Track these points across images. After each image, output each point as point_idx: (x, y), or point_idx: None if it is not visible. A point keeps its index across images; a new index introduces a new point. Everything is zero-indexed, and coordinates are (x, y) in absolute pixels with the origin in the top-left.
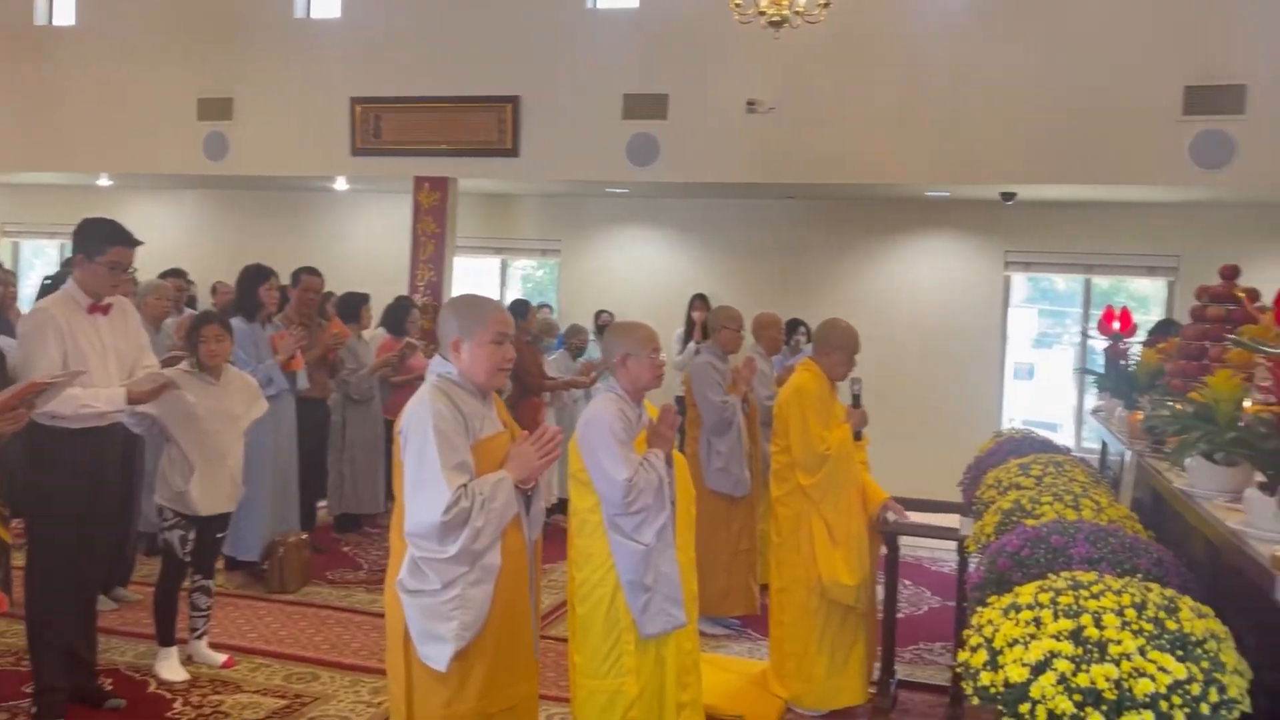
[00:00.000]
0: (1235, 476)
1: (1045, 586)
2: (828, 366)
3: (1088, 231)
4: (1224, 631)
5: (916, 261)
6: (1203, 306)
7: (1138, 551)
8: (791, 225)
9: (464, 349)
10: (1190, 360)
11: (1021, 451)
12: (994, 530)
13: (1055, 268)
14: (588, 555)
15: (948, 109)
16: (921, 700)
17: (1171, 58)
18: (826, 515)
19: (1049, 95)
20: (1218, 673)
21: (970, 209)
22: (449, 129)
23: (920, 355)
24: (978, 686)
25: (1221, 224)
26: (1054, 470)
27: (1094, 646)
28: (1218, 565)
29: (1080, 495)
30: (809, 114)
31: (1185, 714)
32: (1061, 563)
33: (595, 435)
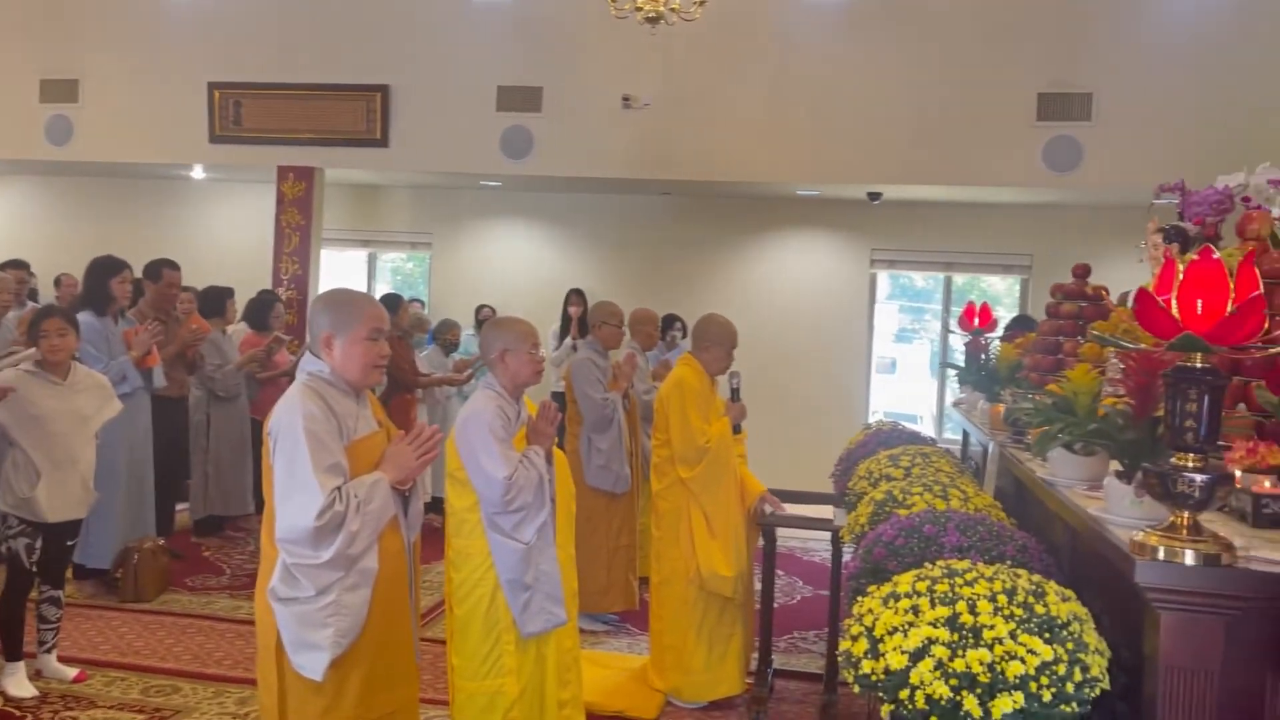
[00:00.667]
0: (1093, 465)
1: (923, 575)
2: (707, 362)
3: (948, 231)
4: (1085, 614)
5: (788, 258)
6: (1057, 304)
7: (1004, 539)
8: (667, 221)
9: (336, 346)
10: (1046, 354)
11: (890, 443)
12: (868, 521)
13: (918, 265)
14: (466, 555)
15: (817, 110)
16: (797, 688)
17: (1025, 66)
18: (706, 508)
19: (913, 99)
20: (1081, 653)
21: (839, 208)
22: (314, 117)
23: (792, 350)
24: (859, 675)
25: (1071, 225)
26: (922, 461)
27: (969, 632)
28: (1076, 549)
29: (948, 485)
30: (684, 111)
31: (1052, 694)
32: (934, 551)
33: (473, 433)
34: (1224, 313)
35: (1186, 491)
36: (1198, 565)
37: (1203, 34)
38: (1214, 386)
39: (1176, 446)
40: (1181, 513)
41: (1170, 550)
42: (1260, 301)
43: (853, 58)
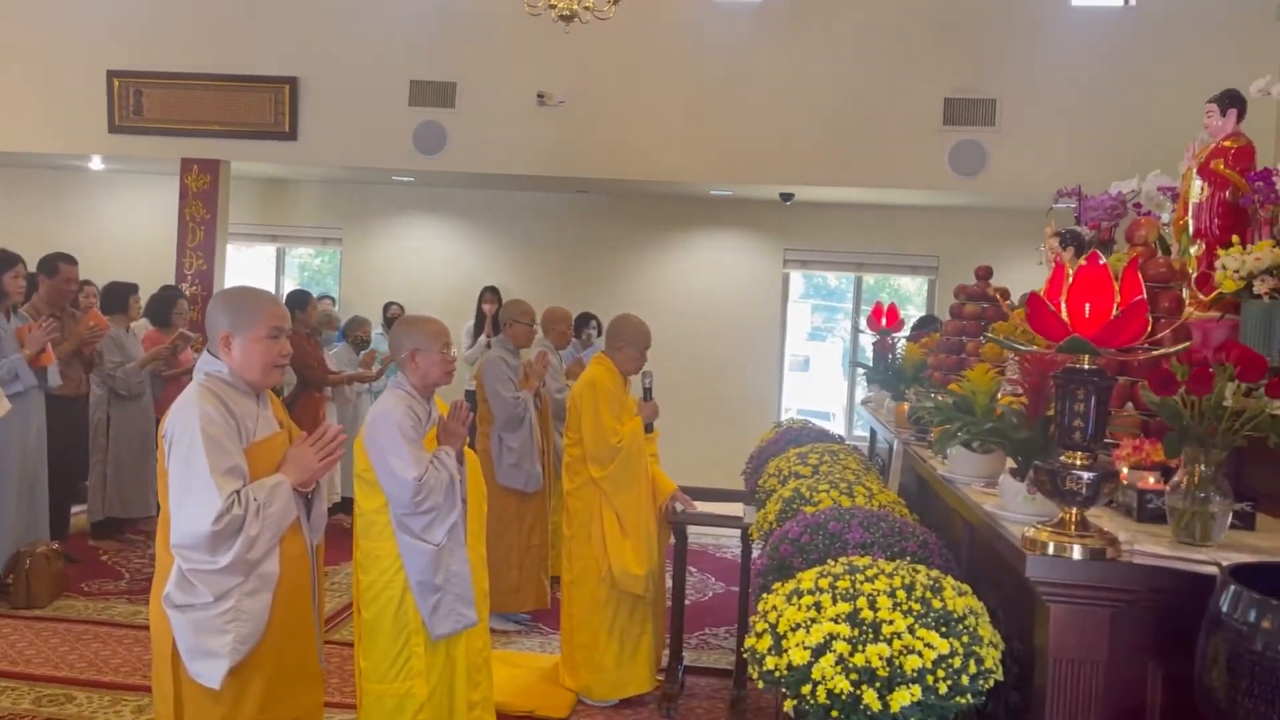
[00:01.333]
0: (990, 463)
1: (825, 572)
2: (620, 361)
3: (859, 232)
4: (980, 607)
5: (702, 258)
6: (960, 304)
7: (906, 535)
8: (582, 219)
9: (235, 345)
10: (949, 354)
11: (800, 441)
12: (776, 518)
13: (830, 266)
14: (375, 557)
15: (731, 111)
16: (707, 684)
17: (933, 72)
18: (618, 507)
19: (825, 102)
20: (976, 646)
21: (752, 208)
22: (220, 108)
23: (706, 349)
24: (763, 671)
25: (976, 227)
26: (830, 459)
27: (869, 627)
28: (974, 544)
29: (854, 483)
30: (599, 109)
31: (948, 686)
32: (838, 548)
33: (383, 433)
34: (1109, 316)
35: (1074, 489)
36: (1084, 560)
37: (1099, 48)
38: (1100, 387)
39: (1065, 445)
40: (1070, 509)
41: (1059, 545)
42: (1143, 305)
43: (765, 59)
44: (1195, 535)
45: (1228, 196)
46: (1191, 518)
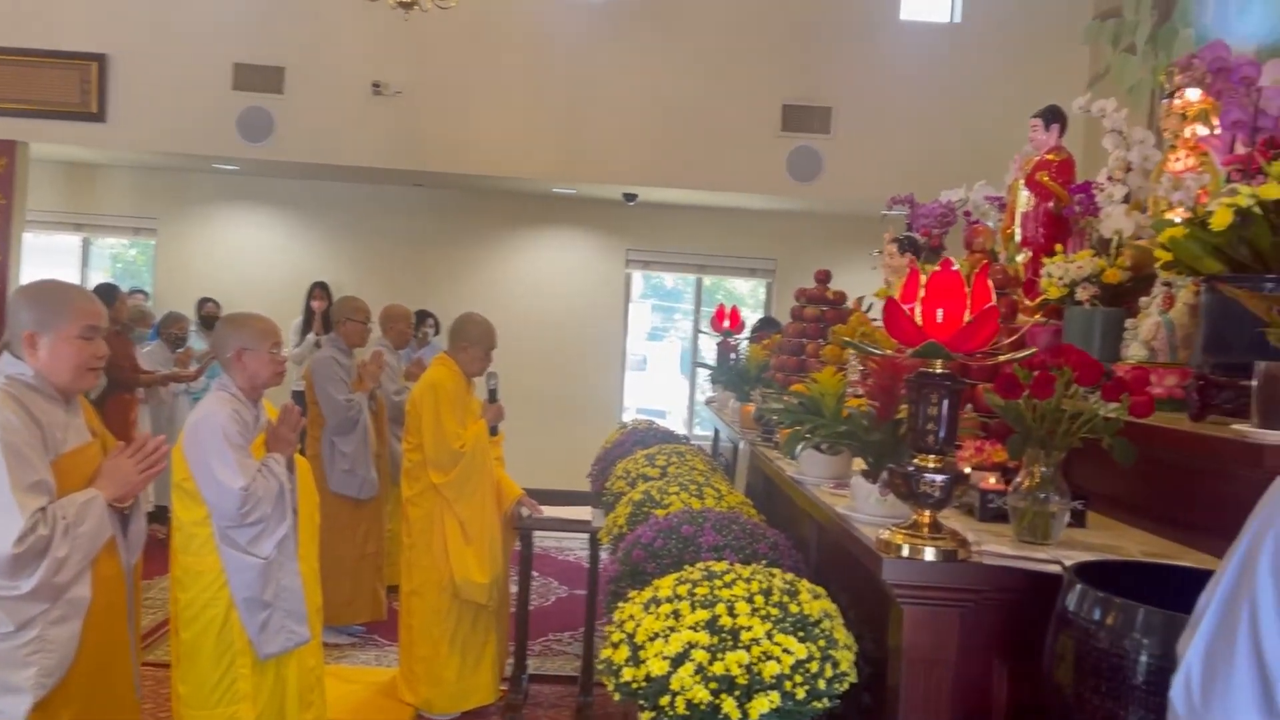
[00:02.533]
0: (838, 464)
1: (683, 578)
2: (464, 362)
3: (700, 234)
4: (835, 610)
5: (544, 256)
6: (801, 307)
7: (757, 537)
8: (419, 213)
9: (42, 345)
10: (791, 355)
11: (646, 442)
12: (626, 522)
13: (671, 267)
14: (196, 574)
15: (573, 109)
16: (552, 692)
17: (772, 78)
18: (460, 514)
19: (667, 104)
20: (832, 649)
21: (595, 207)
22: (18, 85)
23: (549, 349)
24: (620, 683)
25: (812, 231)
26: (678, 460)
27: (728, 634)
28: (822, 545)
29: (703, 484)
30: (438, 101)
31: (805, 691)
32: (692, 552)
33: (206, 439)
34: (962, 321)
35: (928, 491)
36: (937, 561)
37: (928, 61)
38: (953, 391)
39: (919, 448)
40: (923, 511)
41: (914, 548)
42: (994, 311)
43: (609, 59)
44: (1036, 534)
45: (1052, 207)
46: (1033, 517)
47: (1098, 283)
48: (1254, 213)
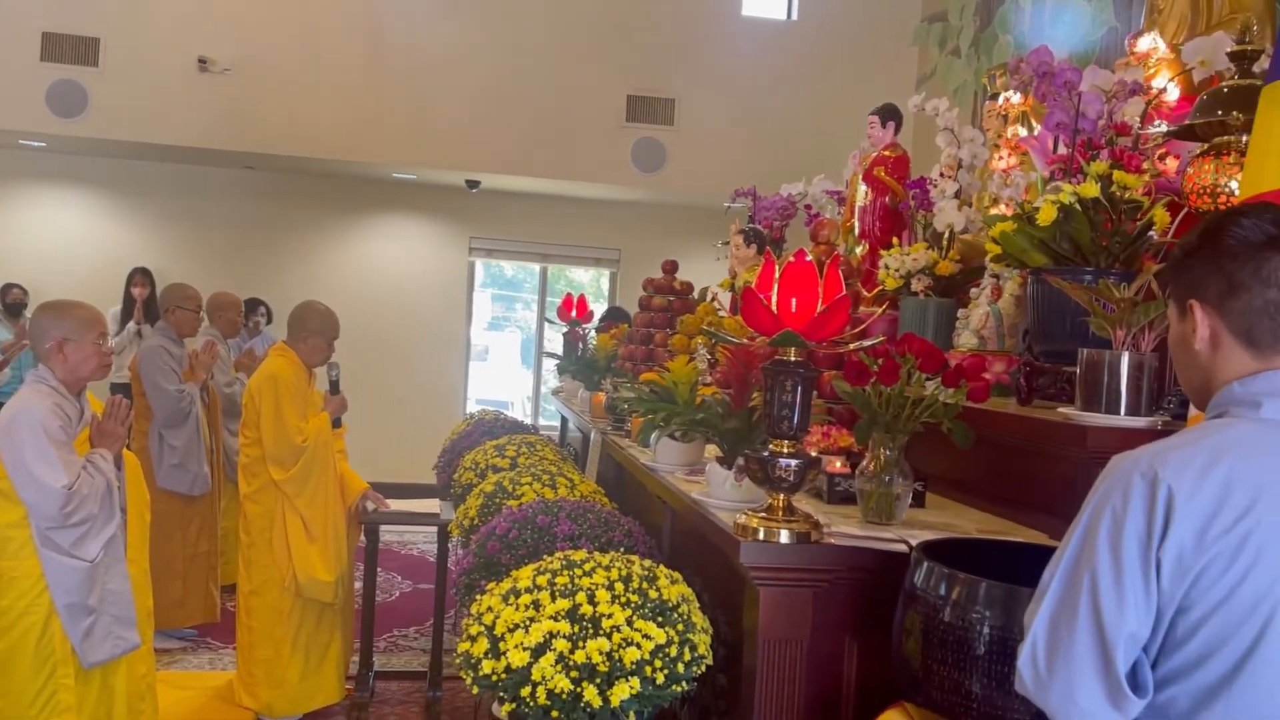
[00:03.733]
0: (691, 451)
1: (543, 568)
2: (305, 352)
3: (544, 223)
4: (691, 594)
5: (386, 243)
6: (649, 297)
7: (612, 525)
8: (250, 197)
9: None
10: (640, 345)
11: (495, 433)
12: (478, 514)
13: (515, 255)
14: (11, 579)
15: (416, 93)
16: (400, 688)
17: (617, 68)
18: (302, 510)
19: (511, 91)
20: (690, 633)
21: (437, 194)
22: None
23: (391, 338)
24: (479, 676)
25: (657, 222)
26: (528, 450)
27: (589, 623)
28: (675, 531)
29: (556, 474)
30: (270, 80)
31: (665, 675)
32: (548, 542)
33: (23, 436)
34: (815, 311)
35: (783, 476)
36: (792, 543)
37: (767, 57)
38: (806, 378)
39: (774, 434)
40: (778, 495)
41: (769, 531)
42: (846, 301)
43: (452, 43)
44: (882, 515)
45: (888, 201)
46: (878, 499)
47: (931, 274)
48: (1075, 209)
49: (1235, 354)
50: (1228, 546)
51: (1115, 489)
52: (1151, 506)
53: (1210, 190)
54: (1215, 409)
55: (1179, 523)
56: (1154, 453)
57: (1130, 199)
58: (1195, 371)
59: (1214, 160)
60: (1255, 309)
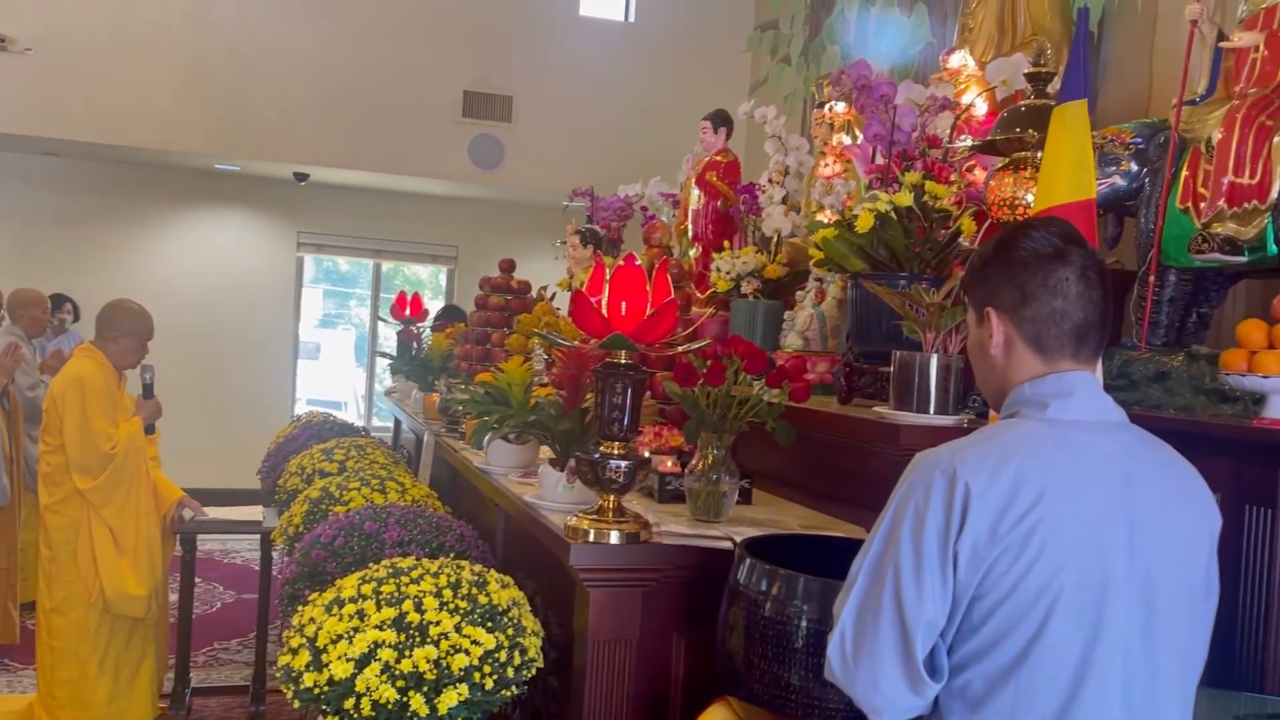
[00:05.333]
0: (525, 453)
1: (368, 577)
2: (115, 354)
3: (377, 218)
4: (522, 597)
5: (206, 236)
6: (485, 296)
7: (443, 530)
8: (54, 187)
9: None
10: (476, 345)
11: (323, 436)
12: (302, 521)
13: (346, 251)
14: None
15: (239, 81)
16: (219, 704)
17: (454, 62)
18: (111, 521)
19: (342, 83)
20: (520, 637)
21: (263, 186)
22: None
23: (212, 337)
24: (300, 689)
25: (495, 219)
26: (357, 454)
27: (416, 631)
28: (509, 533)
29: (386, 479)
30: (76, 62)
31: (494, 680)
32: (376, 549)
33: None
34: (644, 314)
35: (613, 477)
36: (622, 544)
37: (605, 58)
38: (636, 380)
39: (605, 435)
40: (609, 496)
41: (599, 532)
42: (674, 305)
43: (281, 29)
44: (709, 513)
45: (720, 206)
46: (706, 497)
47: (760, 277)
48: (891, 217)
49: (1026, 358)
50: (1017, 539)
51: (918, 485)
52: (950, 502)
53: (1010, 202)
54: (1008, 409)
55: (974, 517)
56: (953, 451)
57: (940, 208)
58: (991, 374)
59: (1013, 174)
60: (1044, 317)
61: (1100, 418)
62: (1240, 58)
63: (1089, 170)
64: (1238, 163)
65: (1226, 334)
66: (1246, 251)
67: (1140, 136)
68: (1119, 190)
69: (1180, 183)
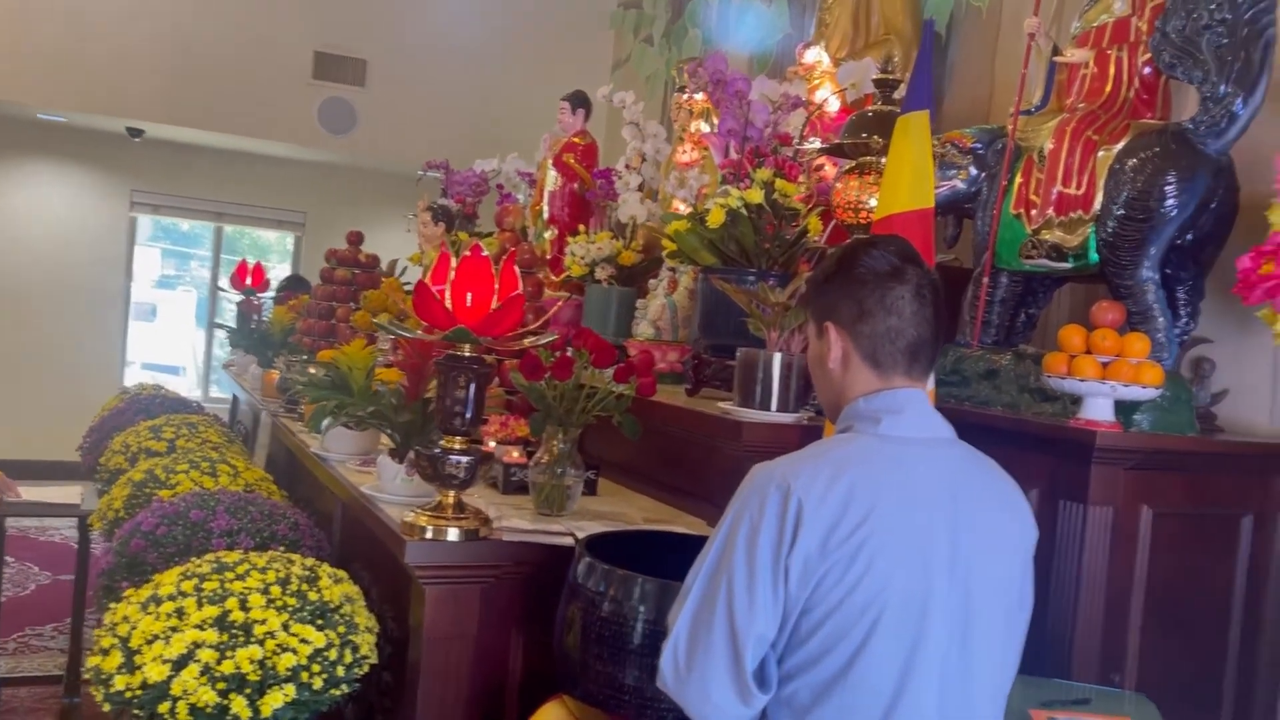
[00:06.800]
0: (365, 440)
1: (189, 573)
2: None
3: (220, 179)
4: (357, 592)
5: (26, 191)
6: (331, 269)
7: (276, 518)
8: None
9: None
10: (320, 320)
11: (152, 411)
12: (124, 505)
13: (186, 213)
14: None
15: (68, 26)
16: (30, 694)
17: (303, 22)
18: None
19: (184, 35)
20: (352, 634)
21: (92, 140)
22: None
23: (31, 298)
24: (111, 692)
25: (346, 186)
26: (188, 432)
27: (239, 630)
28: (347, 521)
29: (218, 461)
30: None
31: (324, 680)
32: (202, 538)
33: None
34: (490, 307)
35: (454, 473)
36: (460, 541)
37: (464, 26)
38: (480, 374)
39: (446, 429)
40: (449, 492)
41: (437, 529)
42: (520, 299)
43: None
44: (553, 506)
45: (576, 189)
46: (550, 490)
47: (615, 264)
48: (742, 214)
49: (862, 373)
50: (846, 554)
51: (753, 498)
52: (783, 516)
53: (854, 205)
54: (843, 423)
55: (806, 532)
56: (788, 465)
57: (789, 206)
58: (828, 387)
59: (858, 178)
60: (879, 333)
61: (930, 434)
62: (1072, 72)
63: (929, 180)
64: (1066, 174)
65: (1051, 333)
66: (1071, 258)
67: (980, 142)
68: (958, 193)
69: (1014, 189)
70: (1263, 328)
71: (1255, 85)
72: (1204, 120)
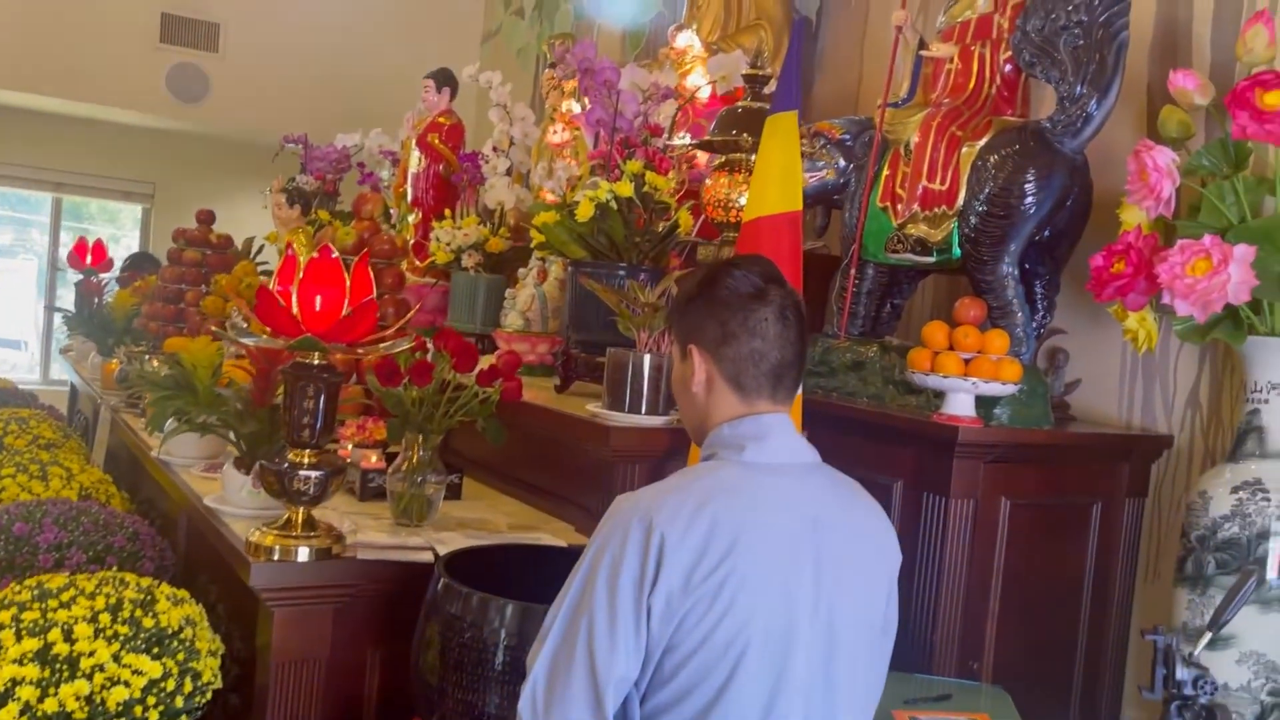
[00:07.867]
0: (213, 444)
1: (6, 600)
2: None
3: (58, 147)
4: (199, 613)
5: None
6: (180, 250)
7: (112, 529)
8: None
9: None
10: (168, 304)
11: None
12: None
13: (21, 182)
14: None
15: None
16: None
17: None
18: None
19: None
20: (193, 661)
21: None
22: None
23: None
24: None
25: (198, 156)
26: (17, 428)
27: (64, 664)
28: (193, 530)
29: (49, 463)
30: None
31: (160, 712)
32: (26, 554)
33: None
34: (341, 313)
35: (302, 489)
36: (311, 561)
37: None
38: (330, 384)
39: (294, 443)
40: (297, 508)
41: (285, 549)
42: (373, 305)
43: None
44: (412, 516)
45: (442, 171)
46: (410, 500)
47: (482, 250)
48: (611, 207)
49: (726, 397)
50: (709, 591)
51: (615, 533)
52: (645, 553)
53: (724, 203)
54: (707, 449)
55: (668, 569)
56: (652, 497)
57: (660, 199)
58: (693, 411)
59: (728, 175)
60: (743, 356)
61: (794, 460)
62: (938, 67)
63: (797, 182)
64: (931, 168)
65: (915, 324)
66: (935, 253)
67: (849, 133)
68: (827, 184)
69: (881, 182)
70: (1114, 321)
71: (1109, 86)
72: (1061, 119)
